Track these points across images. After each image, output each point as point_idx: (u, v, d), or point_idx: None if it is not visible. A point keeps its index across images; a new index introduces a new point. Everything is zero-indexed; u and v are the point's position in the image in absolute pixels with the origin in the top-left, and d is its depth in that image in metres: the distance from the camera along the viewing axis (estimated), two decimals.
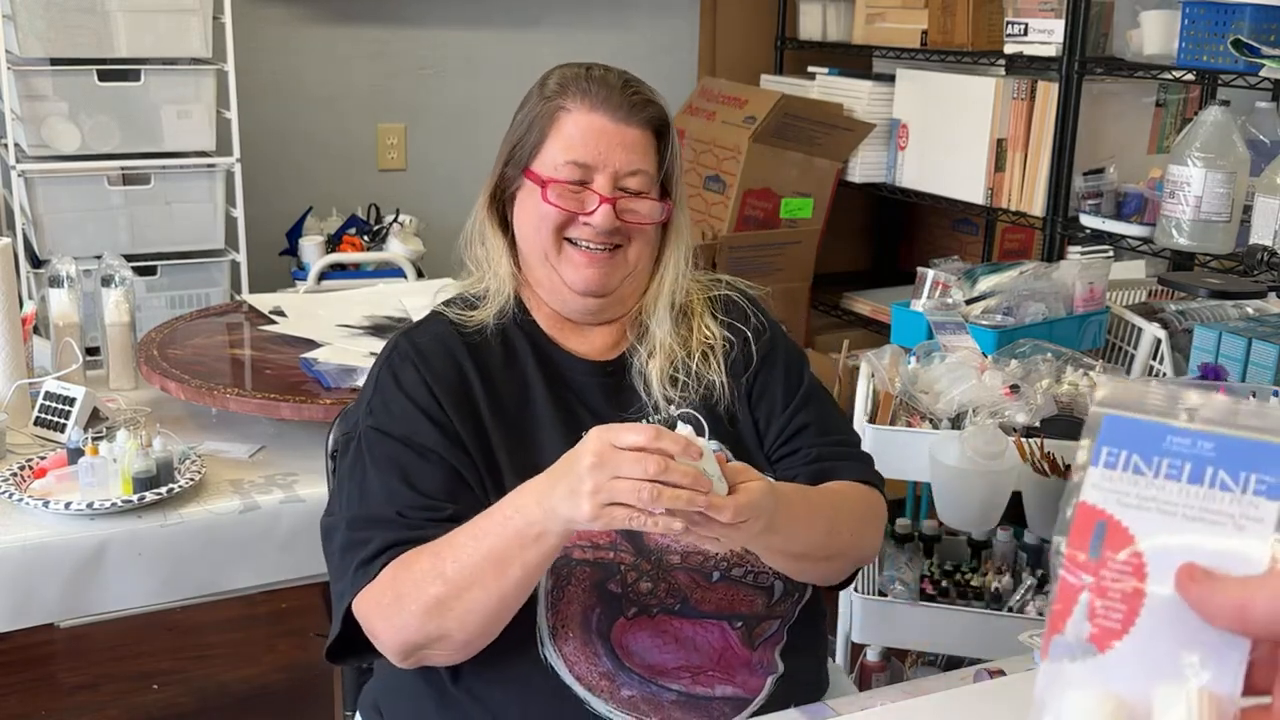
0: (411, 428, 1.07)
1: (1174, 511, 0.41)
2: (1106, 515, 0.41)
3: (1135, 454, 0.42)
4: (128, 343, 1.80)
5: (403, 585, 0.99)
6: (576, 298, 1.13)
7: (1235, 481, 0.41)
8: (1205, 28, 2.12)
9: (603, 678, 1.04)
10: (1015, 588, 1.61)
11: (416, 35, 3.05)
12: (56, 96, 2.36)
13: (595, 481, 0.88)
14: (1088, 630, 0.40)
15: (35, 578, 1.38)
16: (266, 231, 2.76)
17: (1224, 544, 0.40)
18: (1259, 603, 0.37)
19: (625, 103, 1.11)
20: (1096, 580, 0.41)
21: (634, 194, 1.11)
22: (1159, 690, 0.39)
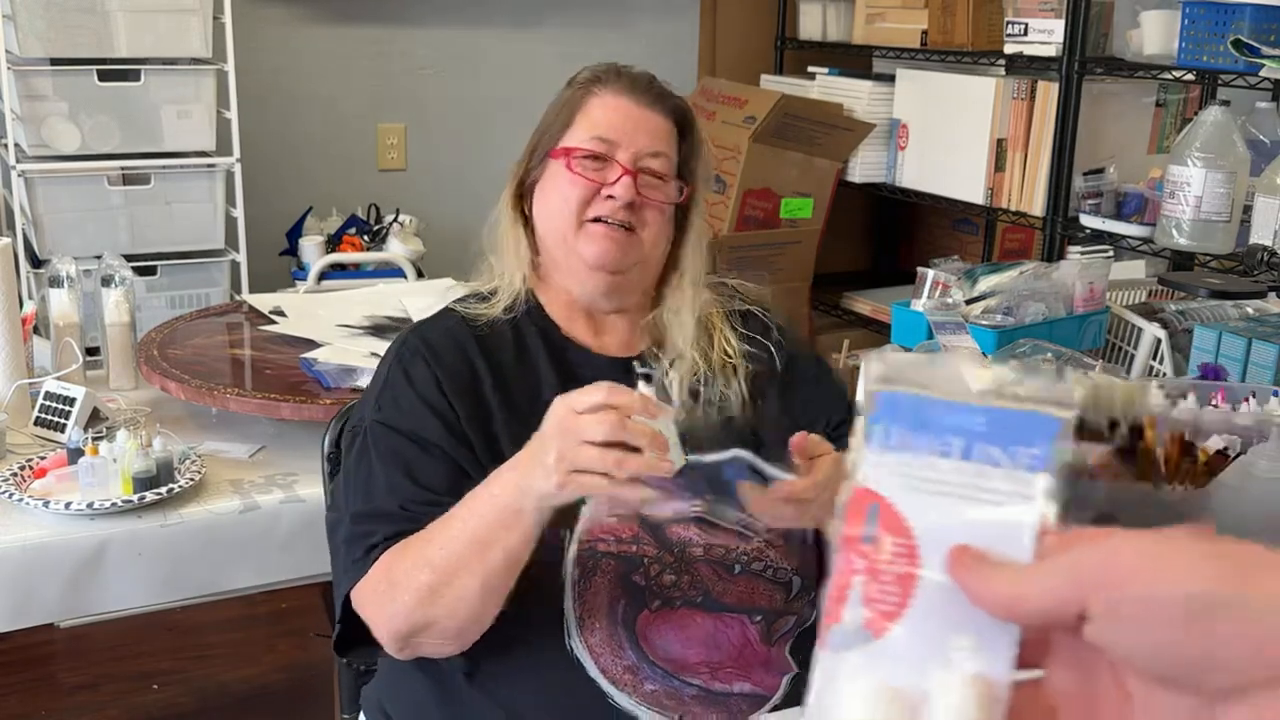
0: (418, 423, 1.07)
1: (946, 491, 0.41)
2: (879, 497, 0.41)
3: (909, 431, 0.41)
4: (128, 343, 1.80)
5: (395, 574, 1.00)
6: (591, 275, 1.14)
7: (1007, 456, 0.40)
8: (1205, 28, 2.12)
9: (626, 670, 1.05)
10: None
11: (417, 35, 3.05)
12: (56, 96, 2.36)
13: (559, 449, 0.88)
14: (864, 615, 0.40)
15: (35, 578, 1.38)
16: (266, 231, 2.76)
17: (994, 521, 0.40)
18: (1030, 597, 0.37)
19: (651, 92, 1.16)
20: (870, 564, 0.40)
21: (654, 175, 1.14)
22: (933, 678, 0.38)
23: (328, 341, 1.80)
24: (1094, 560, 0.36)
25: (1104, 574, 0.36)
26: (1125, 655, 0.36)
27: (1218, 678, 0.34)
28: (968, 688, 0.38)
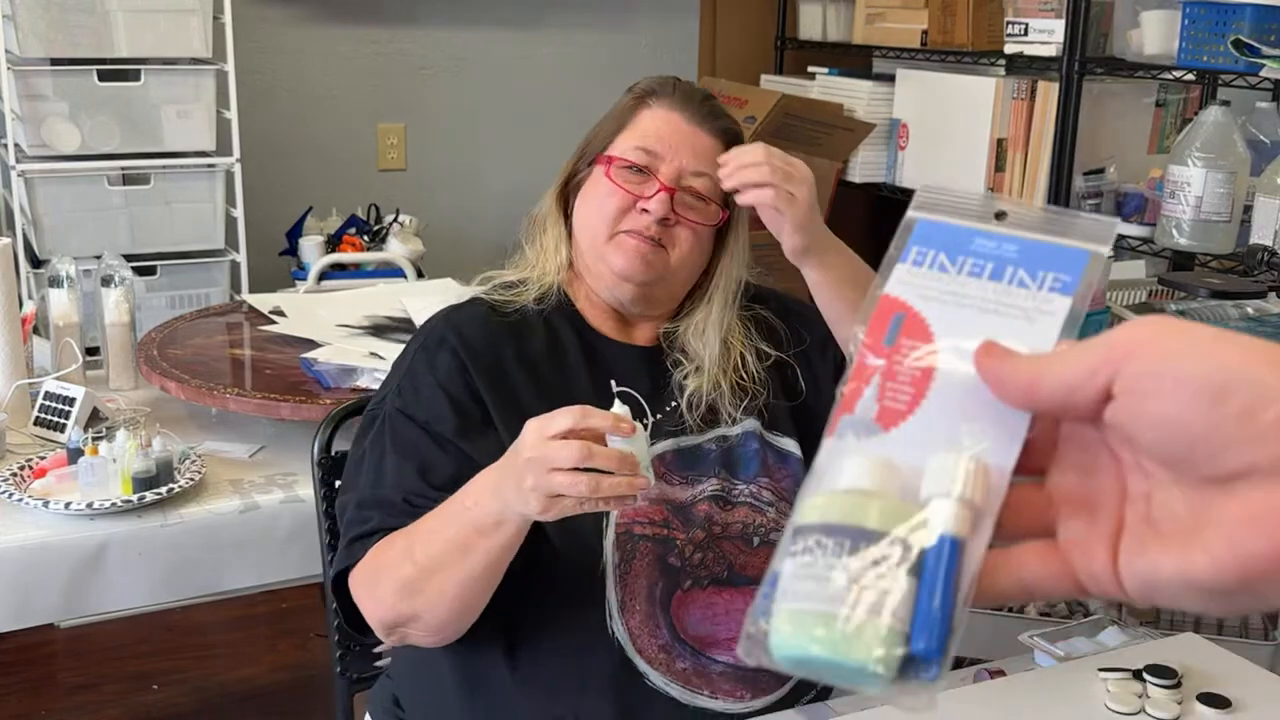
0: (435, 415, 1.08)
1: (970, 304, 0.42)
2: (906, 307, 0.42)
3: (942, 253, 0.43)
4: (127, 343, 1.80)
5: (381, 564, 1.02)
6: (617, 284, 1.14)
7: (1033, 279, 0.42)
8: (1205, 27, 2.12)
9: (661, 650, 1.07)
10: None
11: (417, 35, 3.05)
12: (56, 96, 2.36)
13: (534, 478, 0.90)
14: (875, 410, 0.40)
15: (35, 578, 1.38)
16: (266, 231, 2.76)
17: (1015, 331, 0.41)
18: (1048, 377, 0.38)
19: (702, 110, 1.16)
20: (889, 364, 0.41)
21: (694, 194, 1.14)
22: (933, 457, 0.39)
23: (328, 341, 1.80)
24: (1127, 333, 0.37)
25: (1136, 345, 0.36)
26: (1141, 431, 0.37)
27: (1226, 459, 0.35)
28: (965, 469, 0.38)
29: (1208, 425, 0.35)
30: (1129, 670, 1.06)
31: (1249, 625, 1.60)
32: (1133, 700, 1.03)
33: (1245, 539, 0.35)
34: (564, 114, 3.08)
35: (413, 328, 1.86)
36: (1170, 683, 1.04)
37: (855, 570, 0.37)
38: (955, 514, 0.38)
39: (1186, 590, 0.36)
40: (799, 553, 0.38)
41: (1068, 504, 0.39)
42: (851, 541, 0.38)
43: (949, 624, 0.37)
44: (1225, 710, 1.02)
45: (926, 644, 0.37)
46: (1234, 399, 0.35)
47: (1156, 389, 0.36)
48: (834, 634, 0.37)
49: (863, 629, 0.37)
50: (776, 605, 0.38)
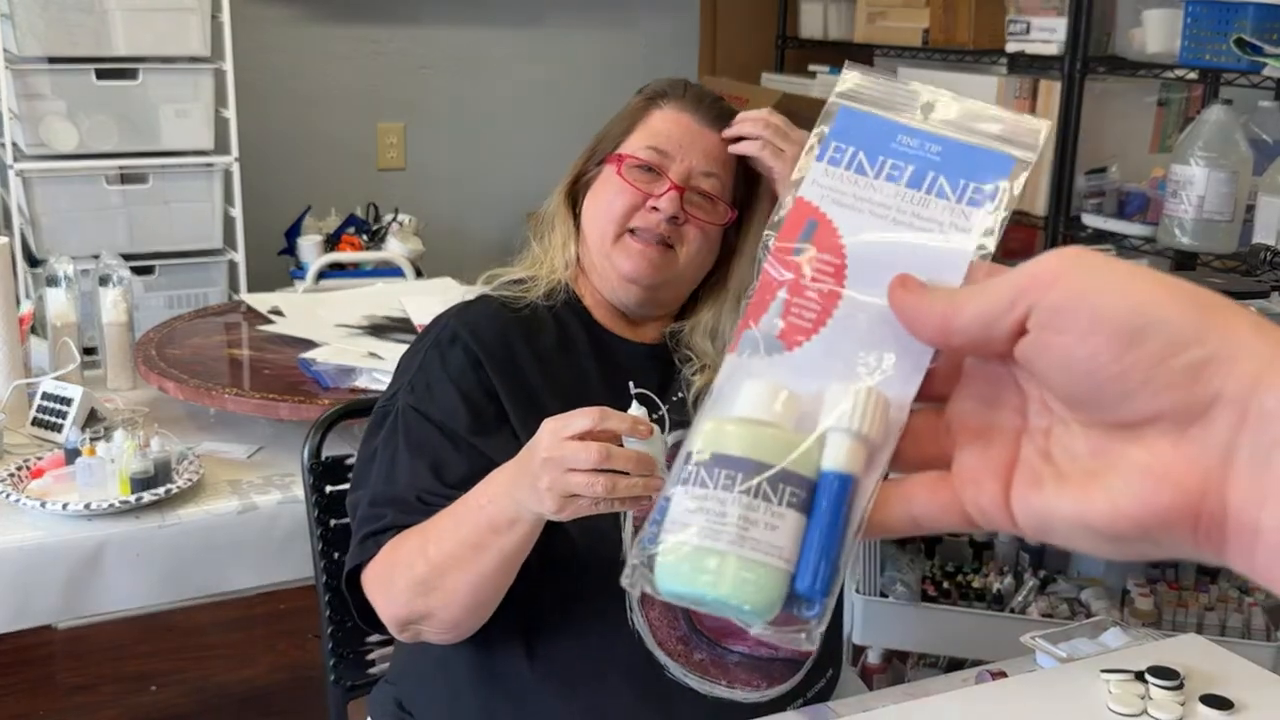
0: (449, 413, 1.08)
1: (885, 215, 0.40)
2: (819, 214, 0.40)
3: (861, 151, 0.40)
4: (125, 342, 1.79)
5: (395, 561, 1.02)
6: (624, 285, 1.15)
7: (953, 189, 0.40)
8: (1208, 26, 2.12)
9: (679, 642, 1.07)
10: (1017, 589, 1.60)
11: (416, 34, 3.04)
12: (54, 95, 2.36)
13: (550, 477, 0.90)
14: (779, 326, 0.39)
15: (33, 579, 1.37)
16: (265, 231, 2.76)
17: (927, 248, 0.39)
18: (964, 313, 0.36)
19: (713, 111, 1.16)
20: (796, 278, 0.39)
21: (703, 194, 1.14)
22: (831, 387, 0.38)
23: (326, 341, 1.79)
24: (1044, 265, 0.35)
25: (1054, 277, 0.35)
26: (1050, 369, 0.35)
27: (1134, 404, 0.34)
28: (861, 400, 0.37)
29: (1119, 368, 0.34)
30: (1131, 671, 1.05)
31: (1251, 626, 1.59)
32: (1135, 701, 1.03)
33: (1148, 488, 0.34)
34: (564, 113, 3.08)
35: (411, 327, 1.85)
36: (1173, 684, 1.04)
37: (744, 505, 0.36)
38: (849, 449, 0.37)
39: (1082, 533, 0.35)
40: (689, 481, 0.37)
41: (965, 433, 0.38)
42: (743, 475, 0.36)
43: (835, 564, 0.37)
44: (1228, 711, 1.02)
45: (810, 584, 0.36)
46: (1148, 343, 0.33)
47: (1071, 325, 0.34)
48: (720, 573, 0.36)
49: (748, 569, 0.36)
50: (665, 536, 0.37)
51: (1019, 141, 0.40)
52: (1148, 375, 0.33)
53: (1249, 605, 1.61)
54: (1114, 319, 0.34)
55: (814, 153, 0.41)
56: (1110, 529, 0.35)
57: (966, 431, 0.38)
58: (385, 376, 1.63)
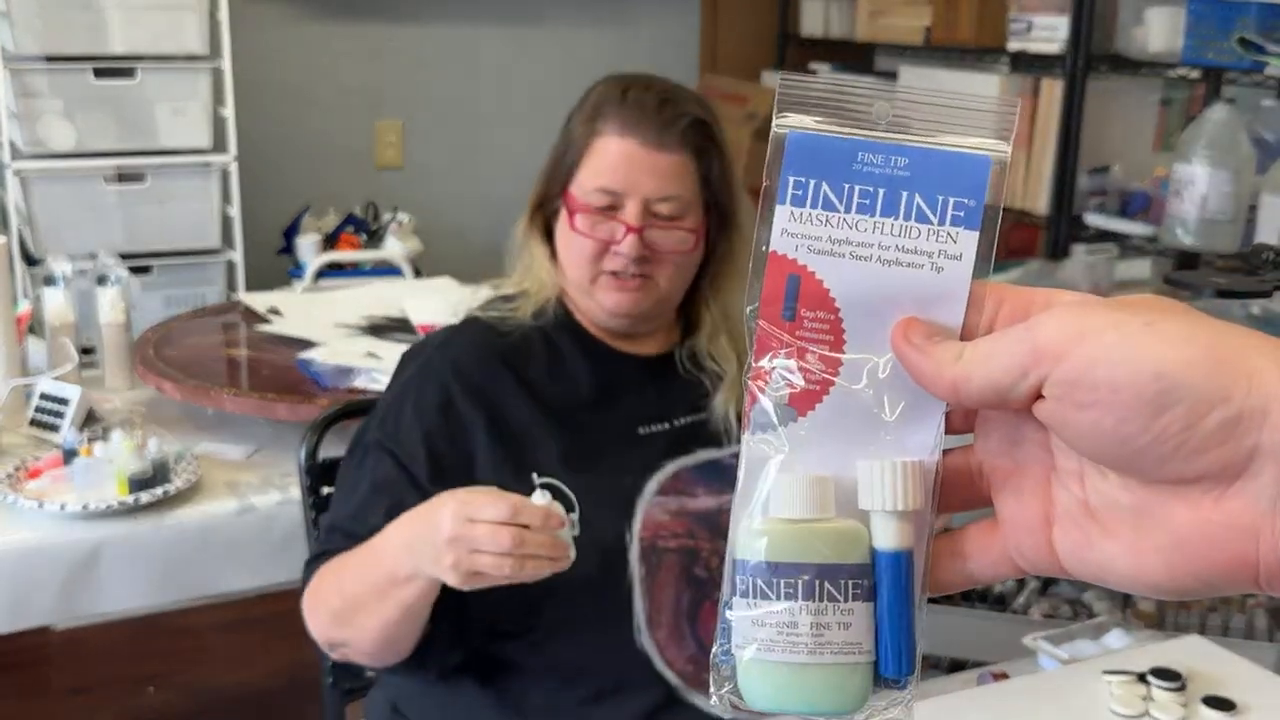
0: (411, 455, 1.08)
1: (869, 256, 0.37)
2: (798, 267, 0.37)
3: (825, 182, 0.37)
4: (123, 342, 1.79)
5: (319, 590, 1.05)
6: (611, 318, 1.14)
7: (932, 209, 0.37)
8: (1210, 25, 2.11)
9: (689, 662, 1.07)
10: (1019, 590, 1.59)
11: (415, 32, 3.03)
12: (51, 94, 2.35)
13: (455, 556, 0.91)
14: (786, 395, 0.37)
15: (30, 580, 1.37)
16: (263, 230, 2.75)
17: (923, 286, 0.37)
18: (975, 381, 0.35)
19: (657, 126, 1.09)
20: (793, 341, 0.37)
21: (667, 219, 1.10)
22: (861, 464, 0.37)
23: (325, 341, 1.79)
24: (1056, 330, 0.34)
25: (1064, 345, 0.33)
26: (1077, 438, 0.34)
27: (1172, 468, 0.33)
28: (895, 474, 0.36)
29: (1149, 438, 0.33)
30: (1133, 673, 1.05)
31: (1254, 627, 1.59)
32: (1137, 703, 1.02)
33: (1200, 548, 0.33)
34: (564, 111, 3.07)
35: (410, 327, 1.85)
36: (1175, 685, 1.03)
37: (813, 612, 0.36)
38: (897, 529, 0.37)
39: (1144, 589, 0.35)
40: (750, 594, 0.37)
41: (996, 474, 0.37)
42: (804, 580, 0.36)
43: (912, 639, 0.37)
44: (1230, 713, 1.01)
45: (897, 669, 0.37)
46: (1174, 409, 0.32)
47: (1091, 399, 0.33)
48: (806, 686, 0.36)
49: (833, 675, 0.36)
50: (739, 653, 0.37)
51: (991, 127, 0.37)
52: (1180, 440, 0.32)
53: (1251, 606, 1.60)
54: (1134, 389, 0.32)
55: (773, 196, 0.38)
56: (1172, 587, 0.34)
57: (998, 472, 0.38)
58: (384, 376, 1.62)
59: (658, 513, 1.08)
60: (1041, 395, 0.34)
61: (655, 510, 1.08)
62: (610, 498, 1.08)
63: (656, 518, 1.08)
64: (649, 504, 1.08)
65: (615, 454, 1.10)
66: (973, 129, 0.37)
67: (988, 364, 0.35)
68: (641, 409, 1.13)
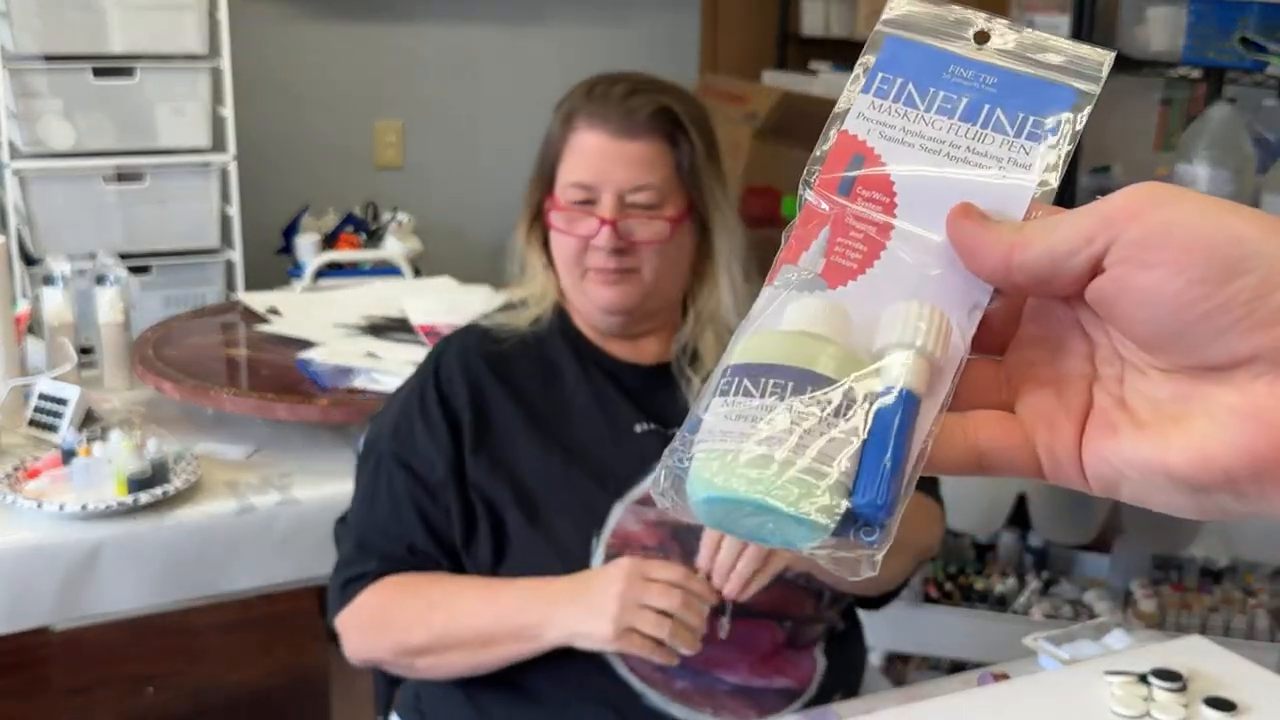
0: (427, 463, 1.10)
1: (938, 150, 0.37)
2: (866, 149, 0.37)
3: (911, 82, 0.37)
4: (122, 342, 1.79)
5: (390, 617, 1.06)
6: (605, 316, 1.14)
7: (1010, 123, 0.37)
8: (1211, 24, 2.11)
9: (657, 670, 1.06)
10: (1020, 590, 1.59)
11: (415, 31, 3.03)
12: (51, 94, 2.35)
13: (622, 605, 0.96)
14: (821, 264, 0.36)
15: (29, 580, 1.37)
16: (262, 230, 2.75)
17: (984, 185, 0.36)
18: (1033, 246, 0.33)
19: (623, 116, 1.09)
20: (841, 213, 0.36)
21: (643, 209, 1.09)
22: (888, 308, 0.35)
23: (324, 341, 1.79)
24: (1127, 197, 0.32)
25: (1138, 208, 0.32)
26: (1130, 309, 0.32)
27: (1228, 343, 0.31)
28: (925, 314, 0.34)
29: (1210, 305, 0.31)
30: (1134, 673, 1.04)
31: (1255, 628, 1.59)
32: (1138, 704, 1.02)
33: (1240, 431, 0.31)
34: None
35: (409, 327, 1.84)
36: (1176, 686, 1.03)
37: (798, 412, 0.33)
38: (913, 366, 0.34)
39: (1161, 483, 0.32)
40: (731, 391, 0.33)
41: (1028, 383, 0.35)
42: (795, 383, 0.33)
43: (898, 483, 0.33)
44: (1232, 713, 1.01)
45: (871, 500, 0.33)
46: (1246, 277, 0.30)
47: (1159, 259, 0.31)
48: (770, 477, 0.32)
49: (804, 474, 0.32)
50: (700, 445, 0.33)
51: (1081, 73, 0.37)
52: (1245, 312, 0.31)
53: (1253, 607, 1.60)
54: (1209, 250, 0.31)
55: (859, 83, 0.38)
56: (1195, 476, 0.32)
57: (1030, 381, 0.35)
58: (383, 376, 1.62)
59: (631, 521, 1.08)
60: (1101, 269, 0.32)
61: (629, 518, 1.08)
62: (582, 503, 1.08)
63: (628, 527, 1.08)
64: (625, 511, 1.08)
65: (597, 460, 1.10)
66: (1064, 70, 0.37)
67: (1052, 231, 0.33)
68: (635, 413, 1.13)
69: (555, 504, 1.08)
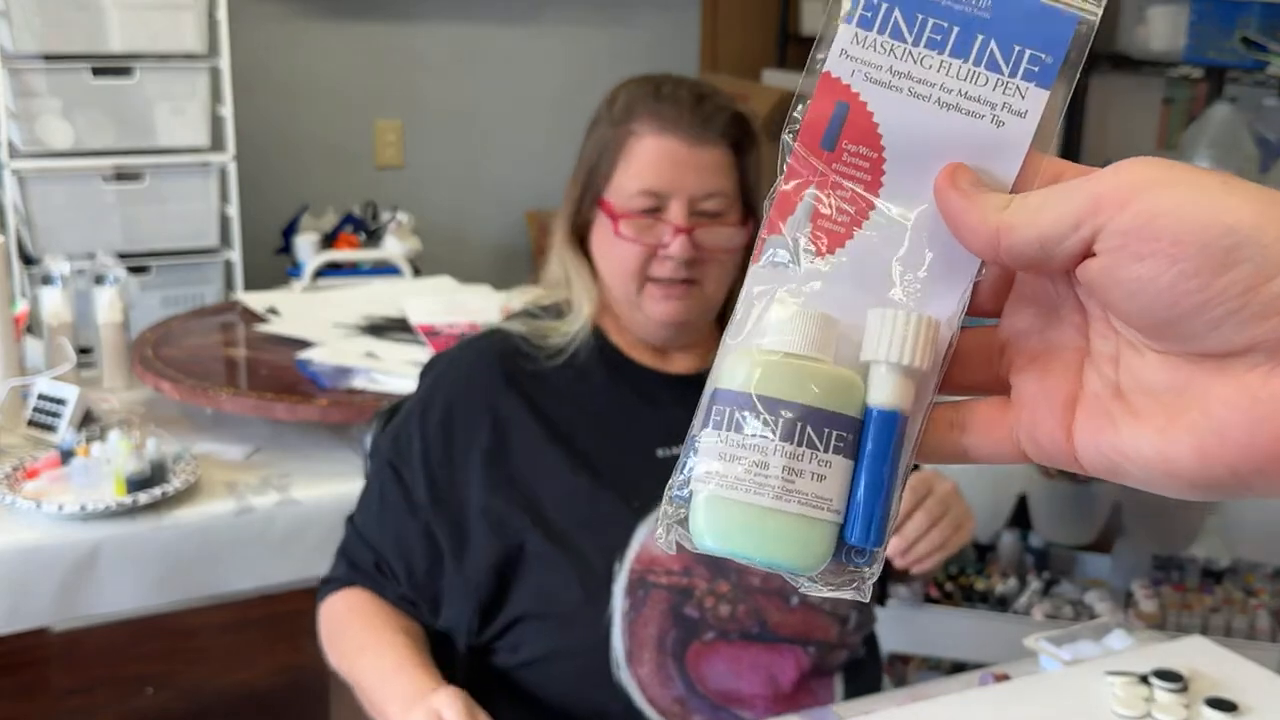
0: (414, 479, 1.09)
1: (928, 95, 0.34)
2: (850, 95, 0.35)
3: (897, 9, 0.35)
4: (121, 342, 1.78)
5: (332, 636, 1.10)
6: (659, 329, 1.10)
7: (1006, 58, 0.34)
8: (1213, 24, 2.11)
9: (675, 702, 1.04)
10: (1021, 590, 1.59)
11: (414, 30, 3.03)
12: (50, 93, 2.34)
13: None
14: (807, 229, 0.35)
15: (28, 580, 1.36)
16: (261, 229, 2.74)
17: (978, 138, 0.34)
18: (1020, 230, 0.32)
19: (697, 121, 1.05)
20: (826, 173, 0.35)
21: (712, 217, 1.06)
22: (873, 311, 0.34)
23: (323, 341, 1.78)
24: (1120, 179, 0.31)
25: (1129, 192, 0.31)
26: (1123, 297, 0.32)
27: (1223, 334, 0.30)
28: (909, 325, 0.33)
29: (1204, 296, 0.30)
30: (1135, 674, 1.04)
31: (1256, 628, 1.59)
32: (1139, 704, 1.02)
33: (1240, 428, 0.30)
34: (563, 110, 3.06)
35: (409, 327, 1.84)
36: (1177, 686, 1.03)
37: (787, 455, 0.33)
38: (896, 385, 0.33)
39: (1163, 478, 0.32)
40: (723, 425, 0.34)
41: (1021, 356, 0.35)
42: (784, 419, 0.33)
43: (886, 510, 0.34)
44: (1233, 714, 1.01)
45: (863, 535, 0.34)
46: (1239, 268, 0.29)
47: (1150, 250, 0.30)
48: (764, 532, 0.33)
49: (795, 525, 0.33)
50: (698, 487, 0.34)
51: None
52: (1240, 303, 0.30)
53: (1254, 607, 1.60)
54: (1201, 241, 0.30)
55: (841, 13, 0.35)
56: (1198, 475, 0.31)
57: (1023, 354, 0.35)
58: (382, 376, 1.61)
59: (654, 544, 1.05)
60: (1092, 253, 0.32)
61: (652, 542, 1.05)
62: (606, 524, 1.06)
63: (653, 550, 1.05)
64: (648, 534, 1.05)
65: (623, 478, 1.07)
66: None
67: (1039, 213, 0.32)
68: (663, 430, 1.09)
69: (578, 527, 1.05)
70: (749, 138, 1.09)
